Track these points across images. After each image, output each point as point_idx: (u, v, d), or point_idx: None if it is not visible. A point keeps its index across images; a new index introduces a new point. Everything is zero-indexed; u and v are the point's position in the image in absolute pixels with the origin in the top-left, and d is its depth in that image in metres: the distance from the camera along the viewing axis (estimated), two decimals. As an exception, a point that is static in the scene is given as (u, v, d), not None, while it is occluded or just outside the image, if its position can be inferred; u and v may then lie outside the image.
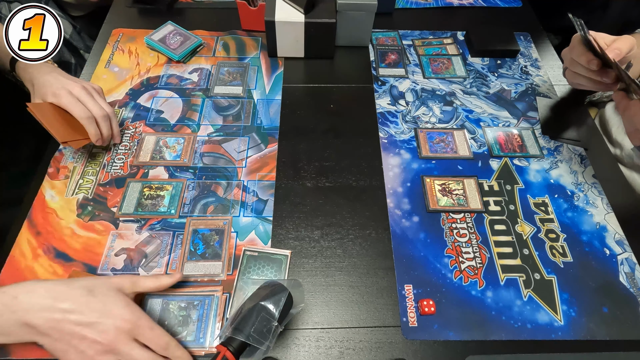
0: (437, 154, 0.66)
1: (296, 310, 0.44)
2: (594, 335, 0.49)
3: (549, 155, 0.66)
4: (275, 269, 0.53)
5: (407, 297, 0.52)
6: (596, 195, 0.62)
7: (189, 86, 0.73)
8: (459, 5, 0.91)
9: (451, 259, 0.55)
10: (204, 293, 0.50)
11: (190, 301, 0.50)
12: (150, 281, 0.46)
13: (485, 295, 0.52)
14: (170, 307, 0.49)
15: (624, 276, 0.54)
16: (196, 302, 0.50)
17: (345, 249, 0.56)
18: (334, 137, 0.67)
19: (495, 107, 0.73)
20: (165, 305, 0.49)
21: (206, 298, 0.50)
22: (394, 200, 0.60)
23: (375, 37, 0.84)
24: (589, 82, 0.60)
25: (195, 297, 0.50)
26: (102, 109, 0.57)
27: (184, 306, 0.49)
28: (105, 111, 0.57)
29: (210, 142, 0.65)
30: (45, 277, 0.51)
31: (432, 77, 0.77)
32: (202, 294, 0.50)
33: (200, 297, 0.50)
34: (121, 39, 0.79)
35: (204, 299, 0.50)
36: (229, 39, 0.81)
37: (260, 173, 0.62)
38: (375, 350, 0.48)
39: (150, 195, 0.59)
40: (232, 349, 0.39)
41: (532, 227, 0.58)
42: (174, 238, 0.55)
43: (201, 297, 0.50)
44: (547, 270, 0.54)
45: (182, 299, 0.50)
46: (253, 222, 0.57)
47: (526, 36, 0.86)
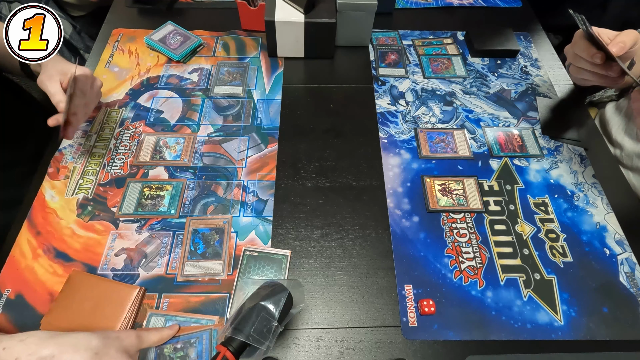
0: (437, 154, 0.66)
1: (296, 310, 0.44)
2: (594, 335, 0.49)
3: (549, 155, 0.66)
4: (275, 269, 0.53)
5: (407, 297, 0.52)
6: (596, 195, 0.62)
7: (189, 86, 0.73)
8: (459, 5, 0.91)
9: (451, 259, 0.55)
10: (199, 329, 0.48)
11: (187, 340, 0.47)
12: (154, 336, 0.45)
13: (485, 295, 0.52)
14: (165, 351, 0.47)
15: (624, 276, 0.54)
16: (193, 340, 0.47)
17: (345, 249, 0.56)
18: (334, 137, 0.67)
19: (495, 107, 0.73)
20: (160, 351, 0.47)
21: (203, 333, 0.48)
22: (394, 200, 0.60)
23: (375, 37, 0.84)
24: (594, 76, 0.59)
25: (191, 336, 0.48)
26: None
27: (180, 347, 0.47)
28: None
29: (210, 142, 0.65)
30: (45, 277, 0.51)
31: (432, 77, 0.77)
32: (198, 329, 0.48)
33: (197, 334, 0.48)
34: (121, 39, 0.79)
35: (201, 335, 0.48)
36: (229, 39, 0.81)
37: (260, 173, 0.62)
38: (375, 350, 0.48)
39: (150, 195, 0.59)
40: (232, 349, 0.39)
41: (532, 227, 0.58)
42: (174, 238, 0.55)
43: (198, 333, 0.48)
44: (547, 270, 0.54)
45: (177, 340, 0.47)
46: (253, 222, 0.57)
47: (526, 36, 0.86)
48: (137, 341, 0.44)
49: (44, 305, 0.49)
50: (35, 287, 0.50)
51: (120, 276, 0.51)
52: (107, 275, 0.51)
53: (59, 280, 0.50)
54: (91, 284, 0.50)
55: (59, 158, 0.62)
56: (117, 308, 0.48)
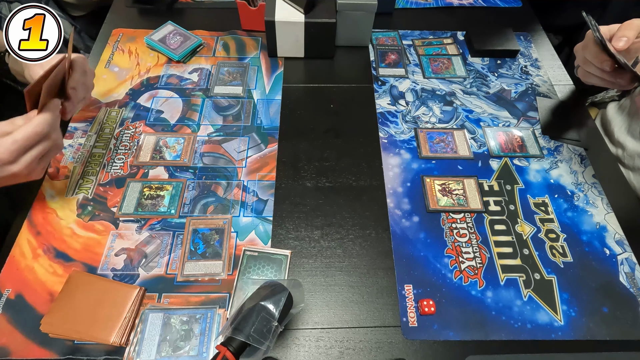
0: (437, 154, 0.66)
1: (296, 310, 0.44)
2: (594, 335, 0.49)
3: (549, 155, 0.66)
4: (275, 269, 0.53)
5: (407, 297, 0.52)
6: (596, 195, 0.62)
7: (189, 86, 0.73)
8: (459, 5, 0.91)
9: (451, 259, 0.55)
10: (205, 307, 0.50)
11: (192, 315, 0.49)
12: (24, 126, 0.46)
13: (485, 295, 0.52)
14: (172, 321, 0.48)
15: (624, 276, 0.54)
16: (198, 316, 0.49)
17: (345, 249, 0.56)
18: (334, 137, 0.67)
19: (495, 107, 0.73)
20: (167, 319, 0.49)
21: (208, 311, 0.49)
22: (394, 200, 0.60)
23: (375, 37, 0.84)
24: (602, 81, 0.57)
25: (197, 311, 0.49)
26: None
27: (186, 320, 0.49)
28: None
29: (210, 142, 0.65)
30: (45, 277, 0.51)
31: (432, 77, 0.77)
32: (204, 307, 0.50)
33: (202, 311, 0.49)
34: (121, 39, 0.79)
35: (206, 312, 0.49)
36: (229, 39, 0.81)
37: (260, 173, 0.62)
38: (375, 350, 0.48)
39: (150, 195, 0.59)
40: (232, 349, 0.38)
41: (532, 227, 0.58)
42: (174, 238, 0.55)
43: (203, 310, 0.49)
44: (547, 270, 0.54)
45: (183, 313, 0.49)
46: (253, 222, 0.57)
47: (526, 36, 0.86)
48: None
49: (44, 305, 0.49)
50: (35, 287, 0.50)
51: (120, 276, 0.51)
52: (107, 275, 0.51)
53: (59, 280, 0.50)
54: (91, 284, 0.50)
55: (59, 158, 0.62)
56: (117, 308, 0.48)
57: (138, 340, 0.47)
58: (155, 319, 0.49)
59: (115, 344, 0.46)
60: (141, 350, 0.46)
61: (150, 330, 0.48)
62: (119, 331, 0.46)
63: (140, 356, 0.46)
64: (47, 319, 0.47)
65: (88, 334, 0.46)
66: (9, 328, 0.47)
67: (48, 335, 0.47)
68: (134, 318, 0.48)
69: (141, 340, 0.47)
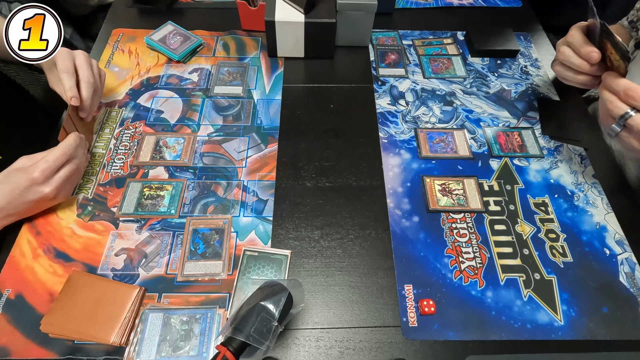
0: (437, 154, 0.66)
1: (296, 310, 0.44)
2: (594, 335, 0.49)
3: (549, 155, 0.66)
4: (275, 269, 0.53)
5: (407, 297, 0.52)
6: (596, 195, 0.62)
7: (189, 86, 0.73)
8: (459, 5, 0.91)
9: (451, 259, 0.55)
10: (205, 307, 0.50)
11: (192, 315, 0.49)
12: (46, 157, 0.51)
13: (485, 295, 0.52)
14: (172, 321, 0.48)
15: (624, 276, 0.54)
16: (198, 316, 0.49)
17: (345, 249, 0.56)
18: (334, 137, 0.67)
19: (495, 107, 0.73)
20: (167, 319, 0.49)
21: (208, 311, 0.49)
22: (394, 200, 0.60)
23: (375, 37, 0.84)
24: (578, 76, 0.57)
25: (197, 311, 0.49)
26: (91, 76, 0.59)
27: (186, 320, 0.49)
28: (92, 78, 0.59)
29: (210, 142, 0.65)
30: (45, 277, 0.51)
31: (432, 77, 0.77)
32: (204, 307, 0.50)
33: (202, 311, 0.49)
34: (121, 39, 0.79)
35: (206, 312, 0.49)
36: (229, 39, 0.81)
37: (260, 173, 0.62)
38: (375, 350, 0.48)
39: (150, 195, 0.59)
40: (232, 349, 0.38)
41: (532, 227, 0.58)
42: (174, 238, 0.55)
43: (203, 310, 0.49)
44: (547, 270, 0.54)
45: (183, 313, 0.49)
46: (253, 222, 0.57)
47: (526, 36, 0.86)
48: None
49: (44, 305, 0.49)
50: (35, 287, 0.50)
51: (120, 276, 0.51)
52: (107, 276, 0.51)
53: (59, 280, 0.50)
54: (91, 284, 0.50)
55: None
56: (117, 308, 0.48)
57: (138, 340, 0.47)
58: (155, 319, 0.48)
59: (115, 344, 0.46)
60: (141, 350, 0.46)
61: (150, 330, 0.48)
62: (119, 331, 0.46)
63: (140, 356, 0.46)
64: (47, 319, 0.47)
65: (88, 333, 0.46)
66: (9, 328, 0.47)
67: (48, 335, 0.47)
68: (134, 318, 0.48)
69: (141, 340, 0.47)
